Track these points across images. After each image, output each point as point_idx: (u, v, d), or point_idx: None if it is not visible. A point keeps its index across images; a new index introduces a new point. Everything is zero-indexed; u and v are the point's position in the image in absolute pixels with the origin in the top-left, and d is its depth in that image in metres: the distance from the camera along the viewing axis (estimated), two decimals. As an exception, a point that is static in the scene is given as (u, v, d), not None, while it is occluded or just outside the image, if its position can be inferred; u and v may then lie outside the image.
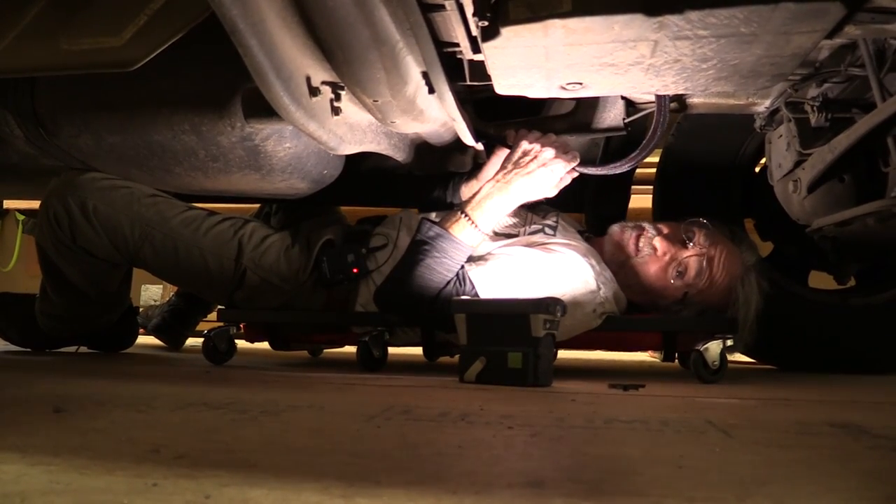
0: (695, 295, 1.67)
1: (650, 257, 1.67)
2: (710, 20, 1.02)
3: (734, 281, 1.66)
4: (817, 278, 2.12)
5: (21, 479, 0.64)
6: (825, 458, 0.81)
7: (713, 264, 1.65)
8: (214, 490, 0.62)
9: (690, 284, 1.65)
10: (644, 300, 1.72)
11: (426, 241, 1.57)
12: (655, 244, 1.67)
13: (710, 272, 1.65)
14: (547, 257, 1.61)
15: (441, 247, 1.56)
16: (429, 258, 1.55)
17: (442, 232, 1.57)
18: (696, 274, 1.65)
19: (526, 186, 1.57)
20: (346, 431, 0.91)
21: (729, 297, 1.66)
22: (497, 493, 0.63)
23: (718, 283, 1.66)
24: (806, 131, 1.51)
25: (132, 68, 1.24)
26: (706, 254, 1.65)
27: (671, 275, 1.65)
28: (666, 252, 1.66)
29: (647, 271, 1.67)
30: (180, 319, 2.33)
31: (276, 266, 1.79)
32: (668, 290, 1.67)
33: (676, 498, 0.63)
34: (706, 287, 1.66)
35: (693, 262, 1.65)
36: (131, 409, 1.04)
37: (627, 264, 1.69)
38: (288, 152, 1.61)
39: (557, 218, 1.81)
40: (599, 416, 1.06)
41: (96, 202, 1.75)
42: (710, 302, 1.68)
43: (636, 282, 1.69)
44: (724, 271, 1.66)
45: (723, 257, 1.66)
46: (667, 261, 1.66)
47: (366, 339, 1.69)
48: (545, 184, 1.59)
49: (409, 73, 1.25)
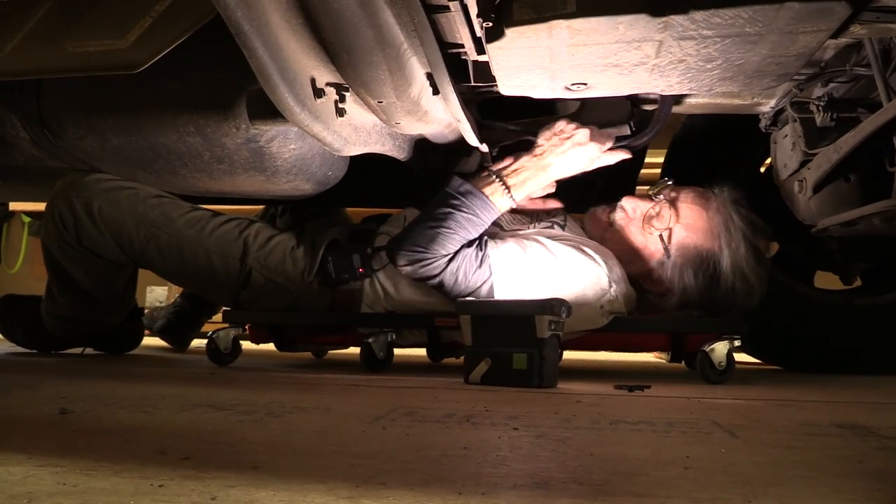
0: (671, 238, 1.67)
1: (623, 220, 1.72)
2: (714, 20, 1.01)
3: (710, 214, 1.67)
4: (823, 279, 2.11)
5: (28, 480, 0.64)
6: (832, 458, 0.81)
7: (678, 203, 1.69)
8: (220, 491, 0.62)
9: (664, 228, 1.67)
10: (636, 269, 1.71)
11: (456, 195, 1.58)
12: (623, 205, 1.73)
13: (677, 210, 1.68)
14: (565, 249, 1.61)
15: (472, 204, 1.57)
16: (458, 213, 1.56)
17: (473, 189, 1.58)
18: (665, 216, 1.68)
19: (560, 164, 1.59)
20: (351, 432, 0.91)
21: (708, 233, 1.66)
22: (503, 495, 0.63)
23: (692, 219, 1.67)
24: (811, 131, 1.51)
25: (137, 70, 1.25)
26: (670, 196, 1.70)
27: (646, 229, 1.69)
28: (635, 208, 1.72)
29: (625, 235, 1.71)
30: (185, 321, 2.33)
31: (282, 266, 1.78)
32: (650, 245, 1.69)
33: (682, 499, 0.63)
34: (678, 226, 1.67)
35: (660, 207, 1.69)
36: (137, 411, 1.04)
37: (607, 236, 1.72)
38: (293, 153, 1.61)
39: (566, 217, 1.82)
40: (605, 417, 1.06)
41: (101, 203, 1.75)
42: (694, 245, 1.66)
43: (620, 250, 1.70)
44: (693, 206, 1.68)
45: (689, 195, 1.70)
46: (639, 217, 1.71)
47: (369, 341, 1.69)
48: (579, 163, 1.60)
49: (413, 75, 1.25)
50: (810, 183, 1.53)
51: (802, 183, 1.58)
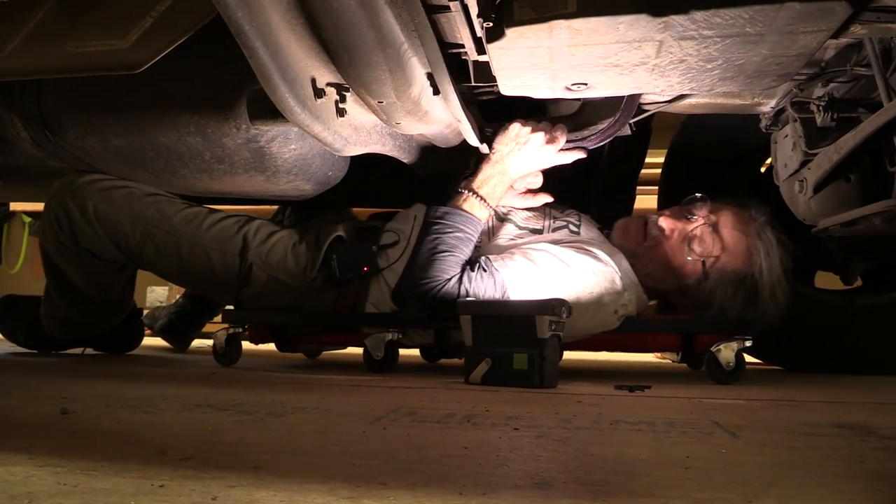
0: (714, 264, 1.65)
1: (659, 239, 1.68)
2: (715, 20, 1.01)
3: (750, 239, 1.65)
4: (823, 279, 2.11)
5: (29, 480, 0.64)
6: (832, 459, 0.81)
7: (720, 227, 1.66)
8: (221, 491, 0.62)
9: (706, 254, 1.65)
10: (668, 285, 1.70)
11: (436, 220, 1.60)
12: (661, 224, 1.68)
13: (720, 235, 1.65)
14: (576, 256, 1.60)
15: (454, 221, 1.59)
16: (444, 235, 1.57)
17: (449, 209, 1.61)
18: (708, 242, 1.65)
19: (519, 163, 1.63)
20: (352, 433, 0.91)
21: (749, 257, 1.64)
22: (503, 495, 0.63)
23: (733, 245, 1.65)
24: (812, 131, 1.51)
25: (138, 70, 1.25)
26: (711, 220, 1.67)
27: (685, 251, 1.65)
28: (673, 229, 1.67)
29: (661, 254, 1.68)
30: (186, 321, 2.33)
31: (284, 263, 1.77)
32: (688, 267, 1.66)
33: (683, 499, 0.63)
34: (722, 252, 1.65)
35: (702, 232, 1.66)
36: (138, 411, 1.04)
37: (639, 252, 1.69)
38: (293, 153, 1.61)
39: (580, 215, 1.81)
40: (605, 418, 1.06)
41: (96, 203, 1.75)
42: (732, 268, 1.65)
43: (654, 268, 1.68)
44: (735, 232, 1.66)
45: (729, 219, 1.67)
46: (676, 237, 1.67)
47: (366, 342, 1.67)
48: (535, 164, 1.64)
49: (413, 75, 1.25)
50: (811, 183, 1.53)
51: (803, 183, 1.58)
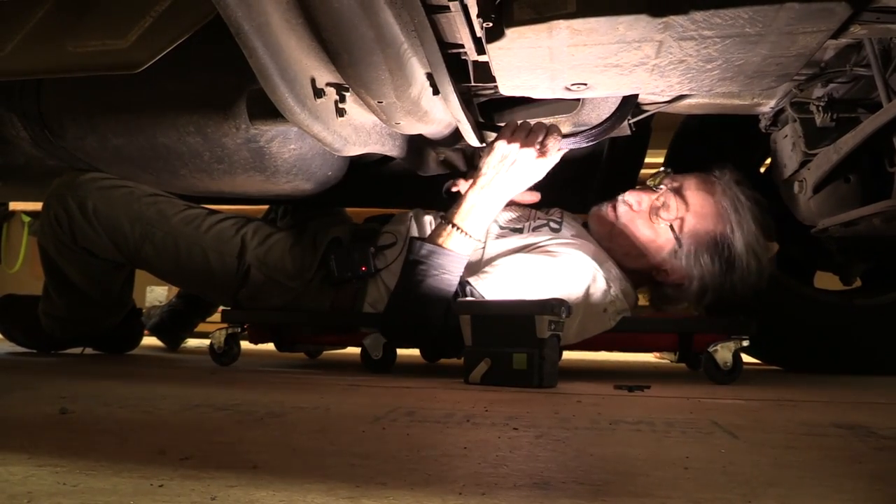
0: (682, 228, 1.65)
1: (628, 214, 1.69)
2: (714, 20, 1.01)
3: (716, 197, 1.66)
4: (823, 279, 2.11)
5: (28, 480, 0.64)
6: (832, 459, 0.81)
7: (683, 190, 1.67)
8: (220, 491, 0.62)
9: (671, 217, 1.66)
10: (646, 263, 1.70)
11: (420, 260, 1.54)
12: (627, 199, 1.70)
13: (683, 198, 1.66)
14: (552, 261, 1.59)
15: (437, 263, 1.53)
16: (428, 278, 1.52)
17: (434, 248, 1.54)
18: (673, 206, 1.66)
19: (507, 188, 1.56)
20: (351, 433, 0.91)
21: (718, 217, 1.65)
22: (503, 495, 0.63)
23: (699, 205, 1.66)
24: (811, 131, 1.51)
25: (137, 70, 1.25)
26: (673, 186, 1.68)
27: (654, 221, 1.67)
28: (640, 201, 1.69)
29: (633, 230, 1.68)
30: (178, 321, 2.33)
31: (281, 263, 1.78)
32: (659, 238, 1.67)
33: (682, 499, 0.63)
34: (687, 212, 1.65)
35: (665, 197, 1.67)
36: (137, 411, 1.04)
37: (614, 232, 1.70)
38: (293, 153, 1.61)
39: (562, 213, 1.81)
40: (605, 418, 1.06)
41: (96, 202, 1.75)
42: (703, 229, 1.65)
43: (630, 245, 1.68)
44: (699, 192, 1.67)
45: (692, 182, 1.68)
46: (645, 209, 1.68)
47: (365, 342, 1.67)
48: (528, 179, 1.56)
49: (413, 75, 1.25)
50: (810, 183, 1.53)
51: (802, 183, 1.58)
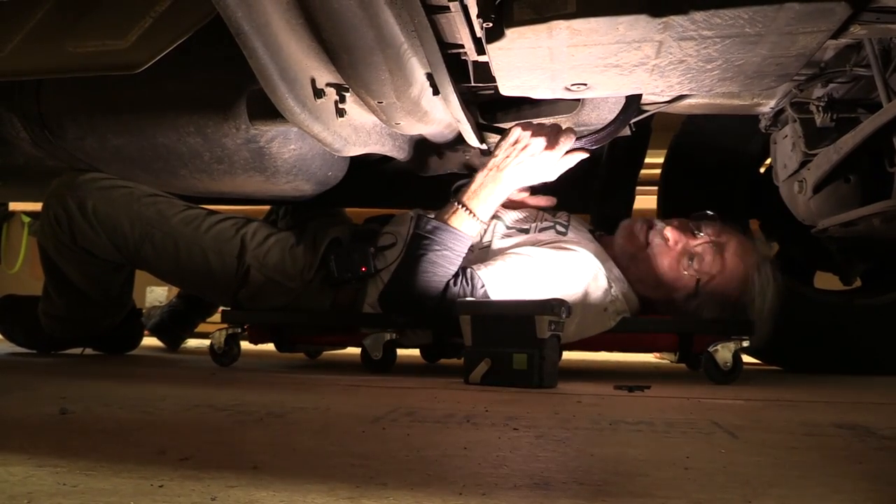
0: (707, 284, 1.65)
1: (661, 247, 1.67)
2: (714, 21, 1.02)
3: (748, 269, 1.65)
4: (823, 279, 2.11)
5: (28, 480, 0.64)
6: (831, 459, 0.81)
7: (724, 251, 1.65)
8: (221, 492, 0.62)
9: (703, 272, 1.64)
10: (657, 294, 1.70)
11: (425, 235, 1.57)
12: (666, 234, 1.67)
13: (722, 258, 1.64)
14: (557, 255, 1.60)
15: (441, 239, 1.55)
16: (430, 252, 1.54)
17: (440, 224, 1.57)
18: (708, 261, 1.64)
19: (518, 174, 1.56)
20: (351, 433, 0.91)
21: (744, 286, 1.64)
22: (503, 495, 0.63)
23: (731, 271, 1.65)
24: (811, 131, 1.51)
25: (137, 71, 1.25)
26: (717, 241, 1.66)
27: (683, 264, 1.64)
28: (677, 241, 1.66)
29: (659, 262, 1.66)
30: (178, 321, 2.32)
31: (281, 264, 1.78)
32: (682, 281, 1.66)
33: (682, 499, 0.63)
34: (719, 275, 1.64)
35: (704, 250, 1.65)
36: (137, 411, 1.04)
37: (639, 256, 1.68)
38: (293, 154, 1.61)
39: (569, 217, 1.81)
40: (605, 418, 1.06)
41: (95, 202, 1.75)
42: (724, 292, 1.65)
43: (648, 274, 1.68)
44: (737, 258, 1.65)
45: (734, 245, 1.66)
46: (678, 250, 1.66)
47: (365, 342, 1.67)
48: (539, 172, 1.57)
49: (413, 75, 1.25)
50: (810, 183, 1.53)
51: (802, 183, 1.58)
